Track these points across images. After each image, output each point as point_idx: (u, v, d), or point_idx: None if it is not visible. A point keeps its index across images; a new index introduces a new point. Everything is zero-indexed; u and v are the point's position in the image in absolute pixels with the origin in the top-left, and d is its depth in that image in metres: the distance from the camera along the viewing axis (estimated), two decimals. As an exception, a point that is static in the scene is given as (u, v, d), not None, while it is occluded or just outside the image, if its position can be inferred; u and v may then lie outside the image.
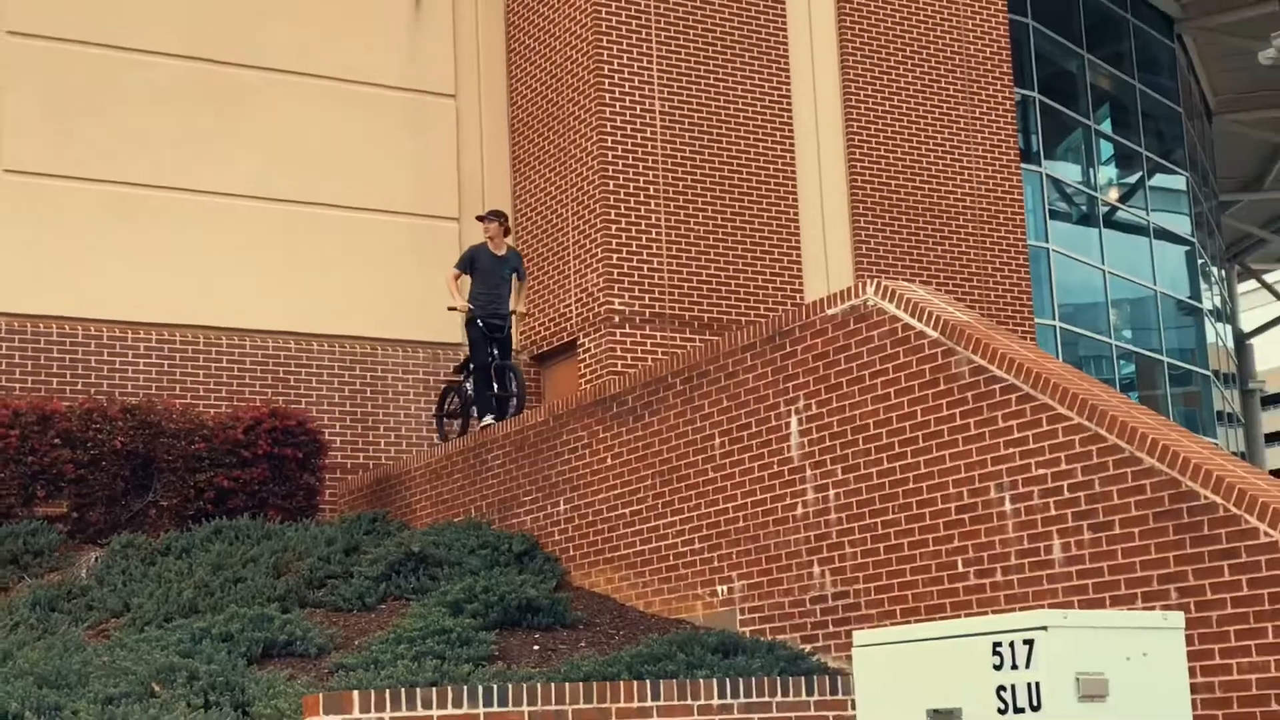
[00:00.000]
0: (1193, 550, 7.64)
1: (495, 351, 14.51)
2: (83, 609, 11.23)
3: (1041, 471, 8.44)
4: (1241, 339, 41.35)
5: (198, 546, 12.30)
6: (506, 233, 15.00)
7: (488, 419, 14.10)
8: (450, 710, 7.24)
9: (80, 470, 13.28)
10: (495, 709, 7.34)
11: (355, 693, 7.24)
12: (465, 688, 7.32)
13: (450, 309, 14.71)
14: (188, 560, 12.01)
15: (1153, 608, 7.64)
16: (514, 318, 14.93)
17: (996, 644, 4.75)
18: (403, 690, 7.22)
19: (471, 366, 14.61)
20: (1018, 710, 4.68)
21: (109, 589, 11.64)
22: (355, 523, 12.94)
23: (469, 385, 14.65)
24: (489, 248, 14.61)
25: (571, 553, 12.07)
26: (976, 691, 4.78)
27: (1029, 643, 4.66)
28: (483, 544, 11.97)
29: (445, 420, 15.35)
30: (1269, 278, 44.78)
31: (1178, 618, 4.91)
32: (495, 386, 14.44)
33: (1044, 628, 4.63)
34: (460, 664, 8.90)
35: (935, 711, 4.93)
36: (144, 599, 11.12)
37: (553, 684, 7.62)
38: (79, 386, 14.67)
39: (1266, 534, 7.28)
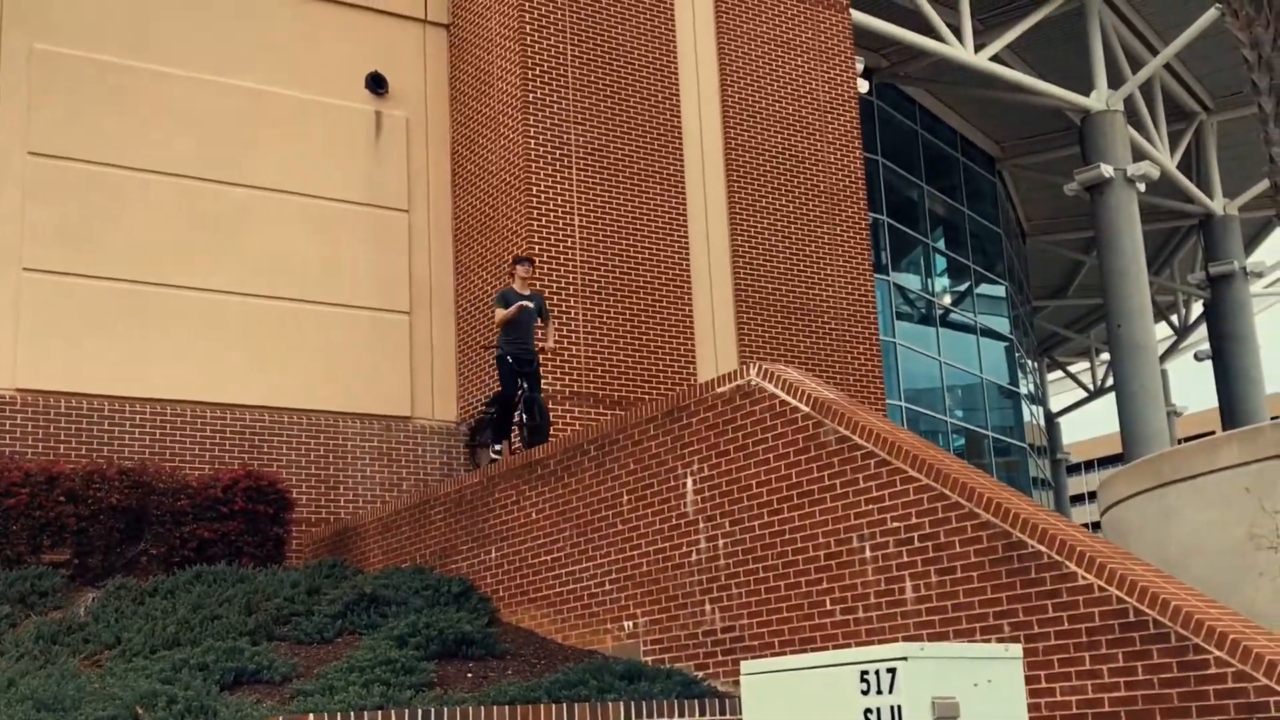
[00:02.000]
0: (1022, 591, 7.51)
1: (524, 385, 13.55)
2: (80, 642, 10.82)
3: (896, 525, 8.29)
4: (1050, 418, 41.87)
5: (181, 588, 11.91)
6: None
7: (495, 449, 13.38)
8: (393, 730, 6.92)
9: (81, 523, 12.90)
10: (432, 729, 7.03)
11: (311, 715, 6.89)
12: (407, 710, 7.01)
13: (503, 320, 13.44)
14: (172, 600, 11.60)
15: (989, 640, 7.50)
16: (542, 354, 14.11)
17: (864, 672, 4.56)
18: (352, 713, 6.89)
19: (500, 399, 13.75)
20: (883, 730, 4.48)
21: (103, 625, 11.23)
22: (317, 569, 12.59)
23: (497, 416, 13.75)
24: (517, 289, 13.65)
25: (501, 594, 11.76)
26: (847, 713, 4.58)
27: (891, 671, 4.47)
28: (426, 586, 11.65)
29: (478, 450, 14.60)
30: (1073, 369, 45.42)
31: (1016, 649, 4.75)
32: (524, 417, 13.50)
33: (904, 658, 4.45)
34: (404, 690, 8.59)
35: (811, 731, 4.72)
36: (133, 634, 10.73)
37: (482, 706, 7.32)
38: (82, 451, 14.26)
39: (1084, 577, 7.17)
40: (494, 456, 13.34)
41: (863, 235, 18.84)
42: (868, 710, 4.53)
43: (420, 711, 7.04)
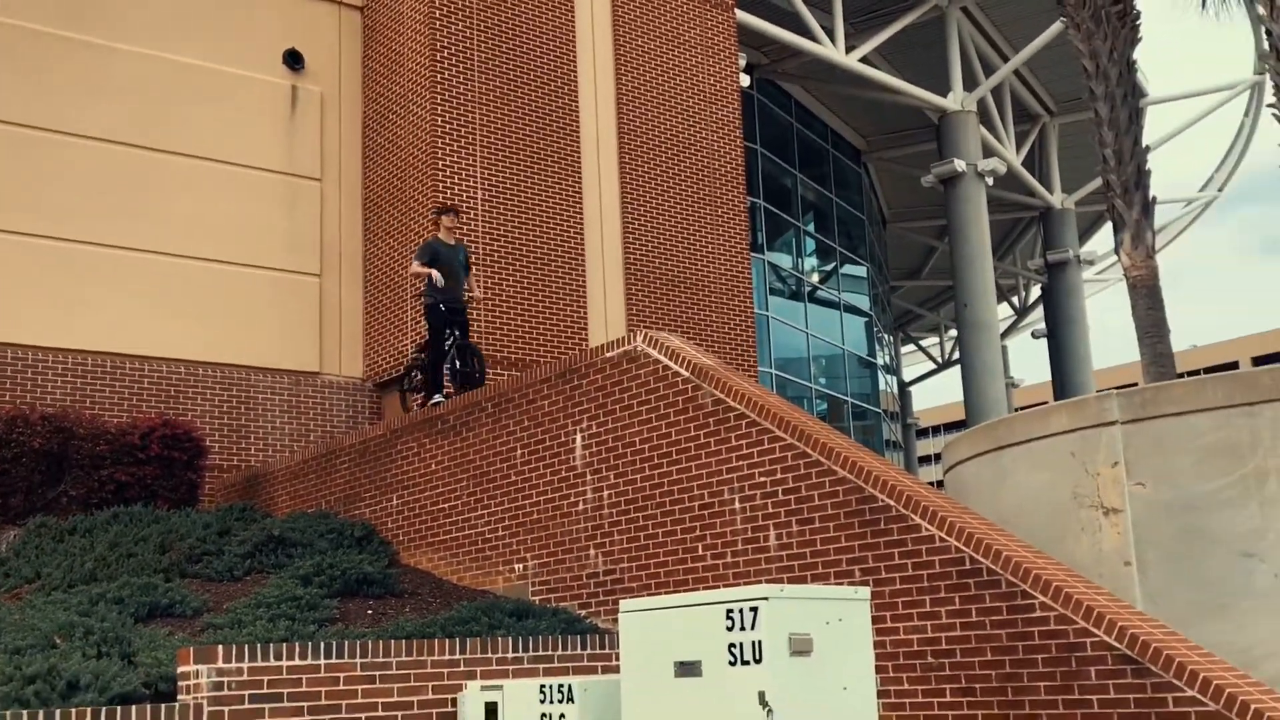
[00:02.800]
0: (872, 540, 7.66)
1: (456, 333, 12.87)
2: (1, 577, 10.55)
3: (762, 479, 8.41)
4: (903, 387, 42.62)
5: (99, 528, 11.65)
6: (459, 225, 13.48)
7: (437, 398, 12.54)
8: (297, 661, 6.85)
9: (4, 465, 12.55)
10: (334, 660, 6.98)
11: (220, 646, 6.80)
12: (310, 644, 6.95)
13: (423, 282, 12.93)
14: (90, 539, 11.35)
15: (842, 583, 7.65)
16: (471, 302, 13.54)
17: (729, 611, 4.64)
18: (258, 645, 6.81)
19: (430, 348, 13.04)
20: (744, 662, 4.56)
21: (24, 561, 10.97)
22: (228, 511, 12.38)
23: (429, 364, 13.05)
24: (443, 238, 12.91)
25: (402, 538, 11.69)
26: (713, 648, 4.66)
27: (754, 610, 4.56)
28: (330, 530, 11.52)
29: (409, 394, 13.84)
30: (924, 343, 46.25)
31: (865, 591, 4.86)
32: (458, 364, 12.79)
33: (765, 598, 4.54)
34: (307, 624, 8.51)
35: (681, 663, 4.79)
36: (53, 569, 10.49)
37: (381, 640, 7.29)
38: (6, 398, 13.82)
39: (927, 529, 7.34)
40: (437, 402, 12.49)
41: (741, 217, 18.97)
42: (731, 645, 4.61)
43: (322, 645, 6.98)
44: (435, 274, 12.59)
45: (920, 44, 26.55)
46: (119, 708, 6.43)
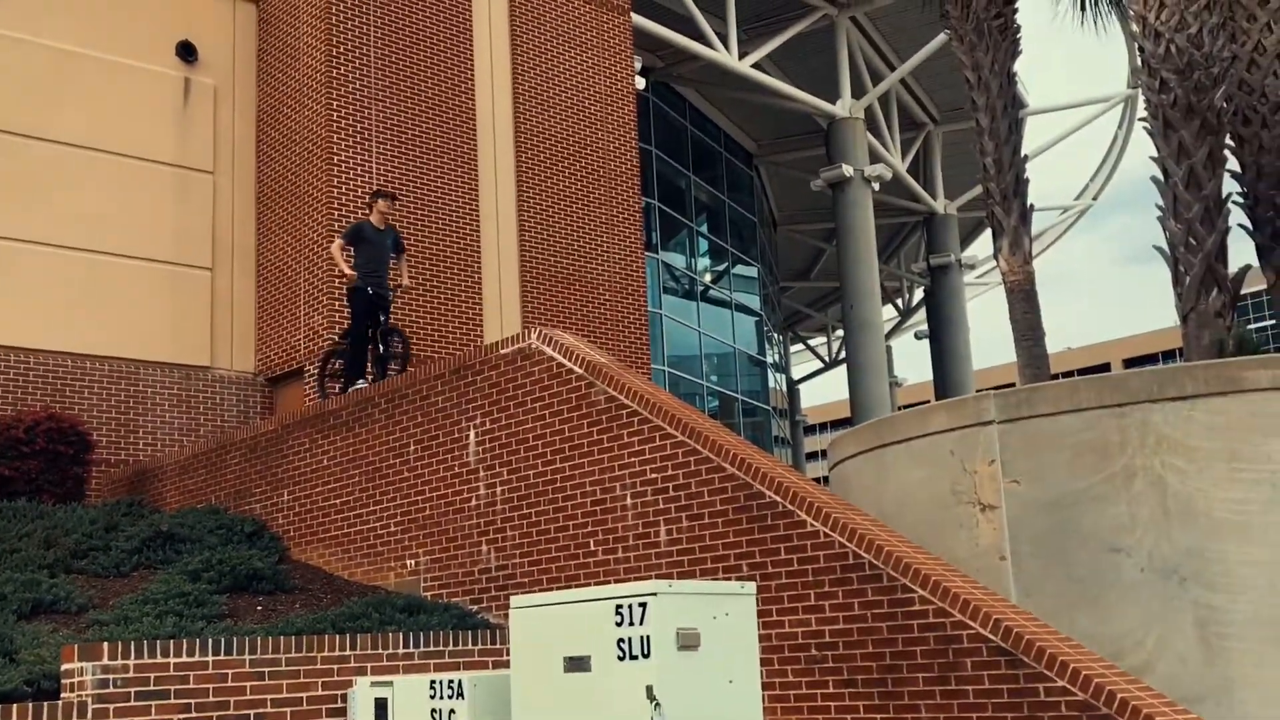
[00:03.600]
0: (759, 535, 7.73)
1: (382, 318, 12.57)
2: (-127, 574, 10.09)
3: (654, 475, 8.43)
4: (792, 384, 43.08)
5: (-21, 523, 11.24)
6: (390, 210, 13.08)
7: (360, 383, 12.15)
8: (185, 658, 6.70)
9: (-122, 460, 12.03)
10: (222, 656, 6.83)
11: (105, 643, 6.62)
12: (198, 640, 6.79)
13: (340, 276, 12.83)
14: (-30, 535, 10.94)
15: (730, 578, 7.71)
16: (399, 290, 13.25)
17: (619, 606, 4.64)
18: (145, 641, 6.64)
19: (352, 333, 12.68)
20: (633, 657, 4.56)
21: (-102, 558, 10.51)
22: (115, 507, 12.07)
23: (352, 349, 12.66)
24: (373, 222, 12.63)
25: (293, 534, 11.49)
26: (602, 643, 4.65)
27: (643, 605, 4.56)
28: (220, 525, 11.30)
29: (327, 380, 13.38)
30: (812, 342, 46.83)
31: (751, 587, 4.89)
32: (381, 348, 12.49)
33: (654, 594, 4.54)
34: (196, 620, 8.32)
35: (570, 658, 4.78)
36: (-72, 566, 10.08)
37: (270, 636, 7.15)
38: (-119, 391, 13.26)
39: (812, 524, 7.42)
40: (359, 387, 12.07)
41: (636, 217, 19.00)
42: (620, 640, 4.61)
43: (211, 641, 6.83)
44: (349, 271, 12.45)
45: (811, 51, 26.88)
46: (-2, 707, 6.23)
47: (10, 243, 14.62)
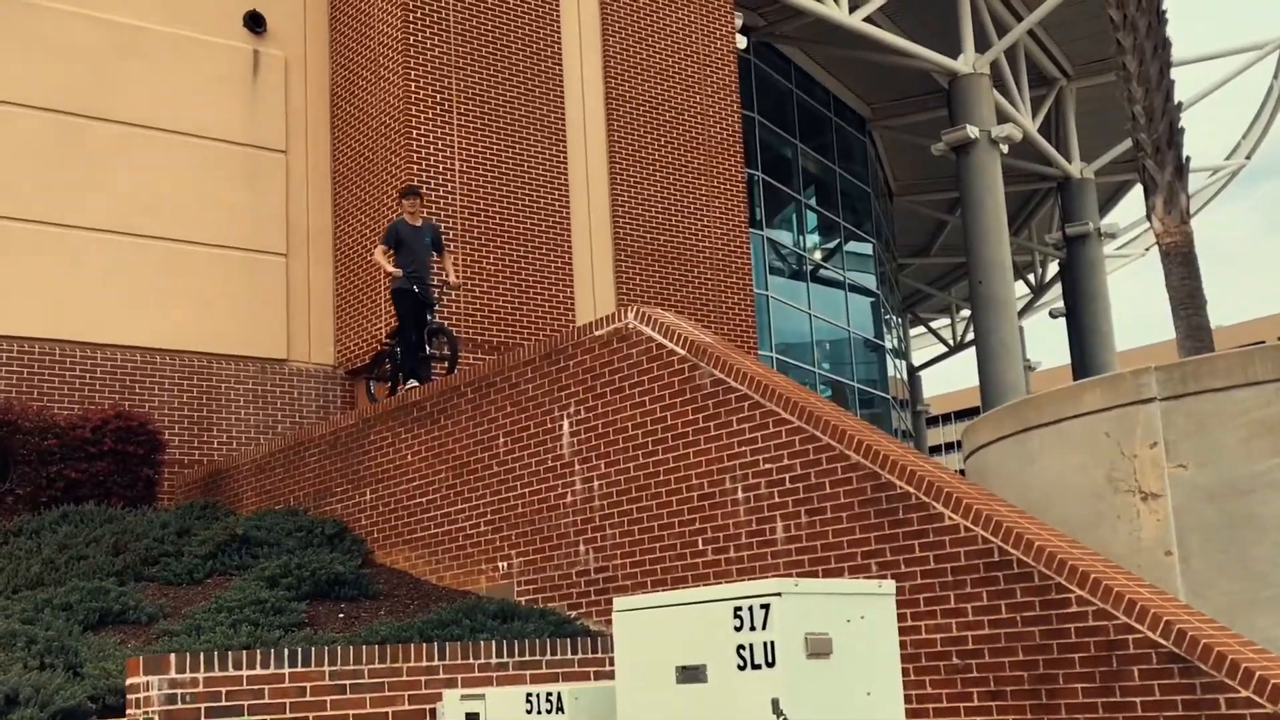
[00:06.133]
0: (890, 531, 7.42)
1: (429, 317, 12.90)
2: (-62, 583, 10.24)
3: (768, 466, 8.15)
4: (913, 372, 42.39)
5: (47, 529, 11.38)
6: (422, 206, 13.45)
7: (412, 383, 12.37)
8: (259, 670, 6.58)
9: (-57, 462, 12.24)
10: (300, 669, 6.70)
11: (173, 655, 6.52)
12: (273, 651, 6.66)
13: (387, 278, 13.20)
14: (37, 540, 11.07)
15: (859, 578, 7.39)
16: (446, 288, 13.53)
17: (737, 608, 4.37)
18: (215, 653, 6.53)
19: (400, 334, 12.98)
20: (755, 666, 4.30)
21: (-37, 566, 10.65)
22: (189, 509, 12.13)
23: (400, 351, 12.97)
24: (408, 221, 12.93)
25: (376, 535, 11.43)
26: (719, 650, 4.39)
27: (765, 607, 4.29)
28: (299, 528, 11.28)
29: (375, 383, 13.73)
30: (934, 324, 46.03)
31: (890, 585, 4.60)
32: (430, 349, 12.80)
33: (778, 594, 4.27)
34: (272, 630, 8.25)
35: (683, 667, 4.52)
36: (-6, 574, 10.20)
37: (351, 646, 7.01)
38: (-56, 390, 13.51)
39: (950, 517, 7.09)
40: (411, 387, 12.21)
41: (739, 188, 18.69)
42: (740, 646, 4.34)
43: (287, 652, 6.71)
44: (395, 270, 12.70)
45: (928, 3, 26.23)
46: (61, 724, 6.17)
47: (74, 230, 14.80)
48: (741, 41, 20.12)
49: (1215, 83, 34.63)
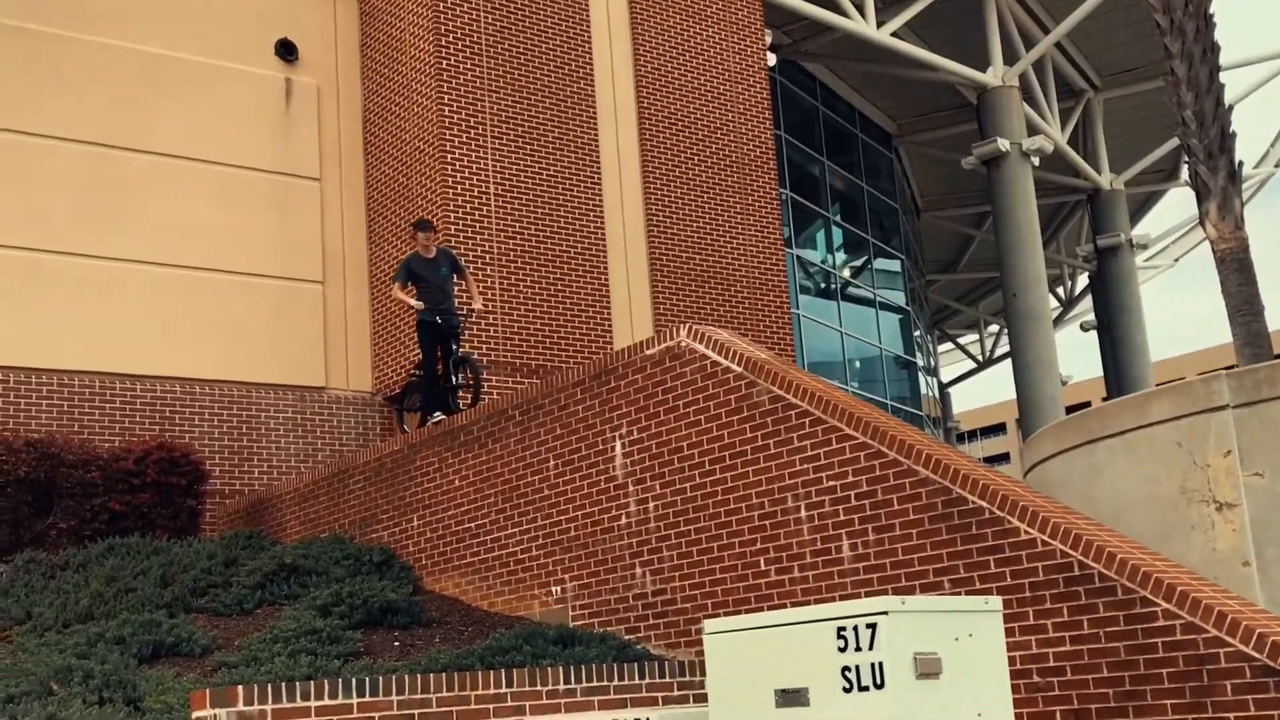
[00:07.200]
0: (963, 547, 7.25)
1: (454, 346, 12.95)
2: (-12, 618, 10.16)
3: (831, 483, 8.00)
4: (943, 388, 42.13)
5: (93, 562, 11.27)
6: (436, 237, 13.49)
7: (437, 415, 12.46)
8: (326, 701, 6.44)
9: (-12, 496, 12.15)
10: (367, 698, 6.56)
11: (240, 687, 6.39)
12: (340, 681, 6.53)
13: (409, 312, 13.41)
14: (84, 574, 10.97)
15: (961, 596, 7.22)
16: (471, 315, 13.57)
17: (841, 628, 4.22)
18: (283, 684, 6.40)
19: (425, 365, 13.10)
20: (862, 688, 4.15)
21: (13, 600, 10.57)
22: (233, 539, 12.01)
23: (425, 382, 13.09)
24: (420, 254, 12.99)
25: (424, 562, 11.29)
26: (822, 672, 4.24)
27: (871, 626, 4.13)
28: (346, 556, 11.15)
29: (405, 414, 13.81)
30: (961, 340, 45.79)
31: (997, 601, 4.44)
32: (455, 379, 12.86)
33: (885, 612, 4.12)
34: (330, 659, 8.12)
35: (784, 691, 4.38)
36: (44, 608, 10.11)
37: (418, 675, 6.87)
38: (-13, 425, 13.45)
39: (1026, 532, 6.92)
40: (437, 419, 12.36)
41: (773, 205, 18.58)
42: (845, 668, 4.20)
43: (355, 682, 6.57)
44: (417, 304, 12.83)
45: (955, 16, 26.14)
46: (128, 760, 6.04)
47: (110, 262, 14.77)
48: (770, 59, 20.05)
49: (1244, 90, 34.39)
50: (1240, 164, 11.20)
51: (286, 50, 16.51)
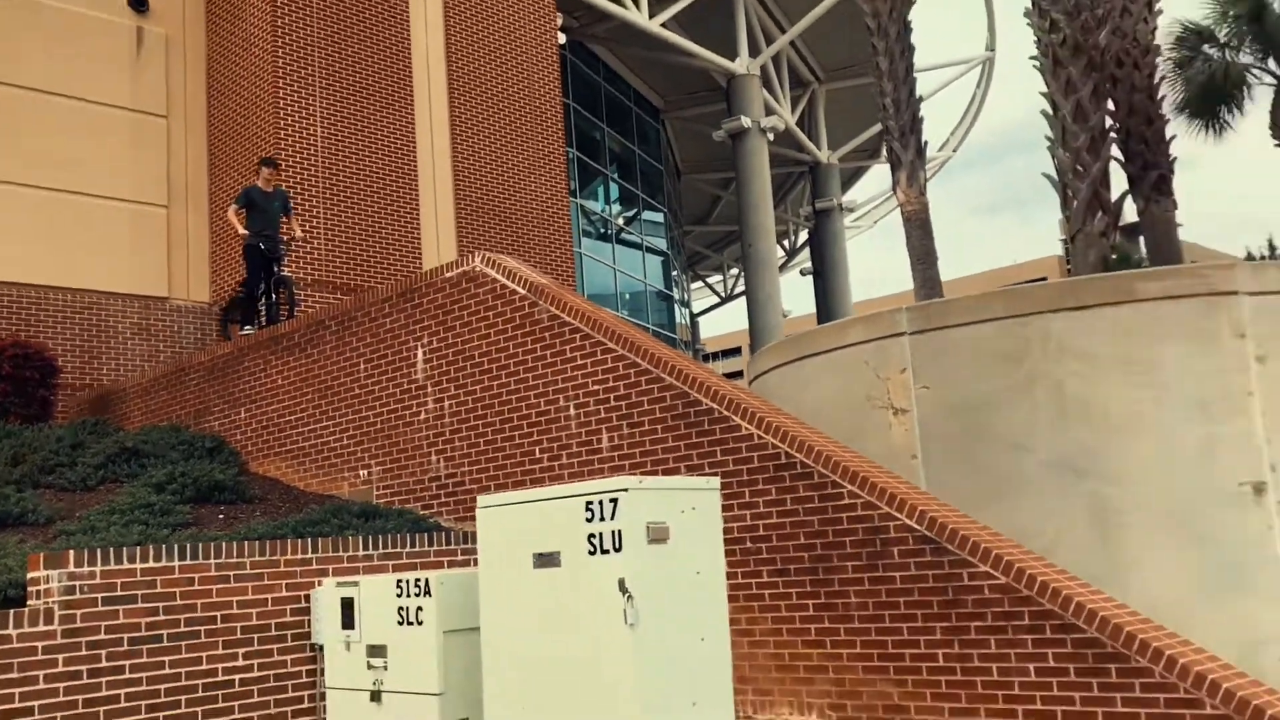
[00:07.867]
0: (697, 440, 7.27)
1: (276, 269, 12.35)
2: None
3: (595, 387, 7.91)
4: (694, 318, 42.70)
5: (-52, 444, 10.33)
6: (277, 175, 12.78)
7: (248, 329, 11.95)
8: (151, 564, 6.04)
9: None
10: (188, 561, 6.19)
11: (71, 551, 5.93)
12: (164, 546, 6.13)
13: (236, 237, 12.64)
14: (-62, 454, 10.05)
15: (686, 476, 7.22)
16: (293, 242, 12.85)
17: (589, 503, 4.12)
18: (111, 549, 5.97)
19: (248, 284, 12.50)
20: (604, 551, 4.07)
21: None
22: (81, 426, 11.20)
23: (245, 298, 12.53)
24: (261, 187, 12.28)
25: (250, 449, 10.76)
26: (573, 539, 4.14)
27: (614, 501, 4.05)
28: (181, 442, 10.52)
29: (229, 325, 13.14)
30: (710, 279, 46.44)
31: (715, 482, 4.42)
32: (275, 297, 12.30)
33: (625, 489, 4.04)
34: (161, 529, 7.63)
35: (540, 554, 4.27)
36: (-103, 484, 9.20)
37: (234, 541, 6.52)
38: None
39: (746, 429, 6.99)
40: (247, 332, 12.09)
41: (561, 161, 18.28)
42: (591, 535, 4.10)
43: (177, 546, 6.18)
44: (243, 231, 12.23)
45: (711, 13, 26.11)
46: (-36, 616, 5.53)
47: (-29, 181, 13.46)
48: (561, 38, 19.61)
49: (934, 88, 35.62)
50: (926, 143, 11.49)
51: (138, 3, 15.24)
